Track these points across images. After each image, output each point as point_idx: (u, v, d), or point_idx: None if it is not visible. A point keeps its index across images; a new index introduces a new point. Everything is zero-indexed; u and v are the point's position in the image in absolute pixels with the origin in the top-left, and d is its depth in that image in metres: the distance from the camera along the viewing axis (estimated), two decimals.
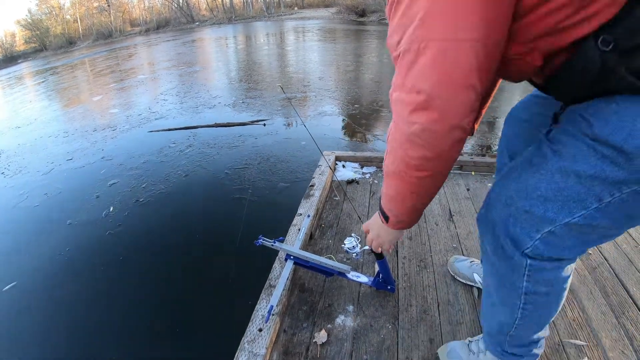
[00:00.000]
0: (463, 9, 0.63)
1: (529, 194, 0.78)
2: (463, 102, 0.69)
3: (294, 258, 1.52)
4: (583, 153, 0.71)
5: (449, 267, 1.61)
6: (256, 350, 1.21)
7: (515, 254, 0.83)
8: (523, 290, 0.88)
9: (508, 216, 0.81)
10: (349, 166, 2.55)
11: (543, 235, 0.78)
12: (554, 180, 0.75)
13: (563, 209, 0.75)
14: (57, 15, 39.74)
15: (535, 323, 0.98)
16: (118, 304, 2.44)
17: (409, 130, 0.74)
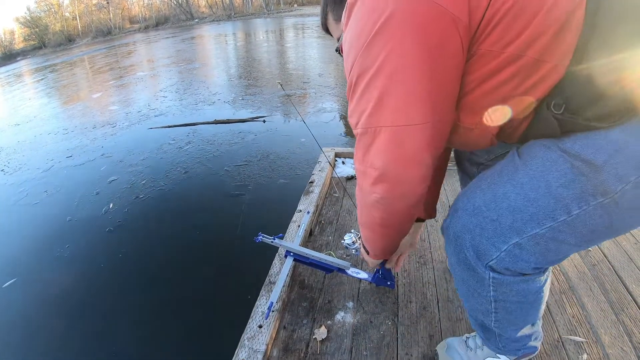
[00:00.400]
0: (410, 97, 0.70)
1: (498, 204, 0.78)
2: (414, 175, 0.78)
3: (294, 255, 1.52)
4: (554, 163, 0.72)
5: (448, 263, 1.61)
6: (256, 347, 1.21)
7: (479, 266, 0.83)
8: (491, 298, 0.88)
9: (475, 226, 0.81)
10: (348, 162, 2.55)
11: (509, 247, 0.78)
12: (524, 190, 0.75)
13: (532, 219, 0.75)
14: (56, 13, 39.64)
15: (513, 324, 0.97)
16: (117, 300, 2.44)
17: (370, 197, 0.85)
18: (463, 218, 0.83)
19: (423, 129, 0.71)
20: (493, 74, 0.71)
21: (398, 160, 0.76)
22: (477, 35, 0.69)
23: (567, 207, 0.72)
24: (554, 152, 0.73)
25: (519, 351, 1.10)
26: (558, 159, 0.72)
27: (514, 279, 0.83)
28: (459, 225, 0.84)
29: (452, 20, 0.66)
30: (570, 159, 0.70)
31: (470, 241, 0.82)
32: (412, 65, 0.68)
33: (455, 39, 0.67)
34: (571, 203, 0.71)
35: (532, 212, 0.74)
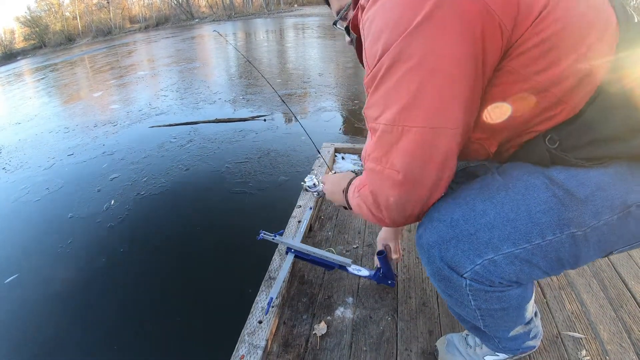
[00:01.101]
0: (449, 98, 0.67)
1: (476, 219, 0.77)
2: (439, 180, 0.74)
3: (295, 251, 1.53)
4: (536, 188, 0.73)
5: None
6: (256, 342, 1.22)
7: (453, 276, 0.82)
8: (474, 307, 0.87)
9: (451, 237, 0.79)
10: (348, 158, 2.55)
11: (484, 262, 0.77)
12: (504, 210, 0.75)
13: (508, 238, 0.75)
14: (57, 12, 39.66)
15: (503, 327, 0.97)
16: (118, 295, 2.45)
17: (381, 198, 0.78)
18: (439, 228, 0.81)
19: (454, 134, 0.69)
20: (513, 95, 0.71)
21: (426, 165, 0.71)
22: (512, 50, 0.68)
23: (542, 232, 0.73)
24: (537, 179, 0.74)
25: (517, 350, 1.11)
26: (541, 186, 0.73)
27: (491, 288, 0.82)
28: (435, 236, 0.82)
29: (499, 25, 0.64)
30: (552, 187, 0.71)
31: (445, 252, 0.81)
32: (457, 65, 0.65)
33: (497, 45, 0.66)
34: (546, 229, 0.72)
35: (509, 231, 0.74)
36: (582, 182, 0.69)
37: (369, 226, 1.89)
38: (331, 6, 1.02)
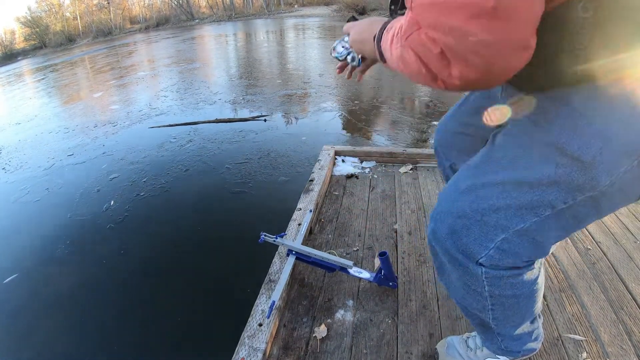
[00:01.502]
0: None
1: (481, 204, 0.77)
2: (534, 16, 0.52)
3: (296, 253, 1.53)
4: (537, 163, 0.71)
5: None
6: (256, 345, 1.22)
7: (469, 264, 0.83)
8: (487, 294, 0.87)
9: (461, 228, 0.80)
10: (348, 161, 2.55)
11: (497, 244, 0.78)
12: (506, 189, 0.75)
13: (515, 215, 0.74)
14: (57, 13, 39.65)
15: (511, 321, 0.97)
16: (118, 297, 2.45)
17: (457, 44, 0.52)
18: (449, 221, 0.82)
19: None
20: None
21: None
22: None
23: (551, 203, 0.71)
24: (537, 149, 0.71)
25: (519, 353, 1.10)
26: (541, 158, 0.70)
27: (506, 272, 0.82)
28: (446, 229, 0.83)
29: None
30: (555, 156, 0.68)
31: (458, 242, 0.81)
32: None
33: None
34: (556, 200, 0.71)
35: (515, 209, 0.74)
36: (585, 143, 0.65)
37: (369, 229, 1.89)
38: None
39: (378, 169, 2.49)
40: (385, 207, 2.08)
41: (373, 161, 2.56)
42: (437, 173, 2.42)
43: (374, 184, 2.31)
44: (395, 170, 2.47)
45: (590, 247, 1.73)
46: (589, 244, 1.75)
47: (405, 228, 1.88)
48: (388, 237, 1.82)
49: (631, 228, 1.86)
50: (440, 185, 2.28)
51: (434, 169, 2.46)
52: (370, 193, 2.22)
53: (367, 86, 7.36)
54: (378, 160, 2.57)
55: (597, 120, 0.64)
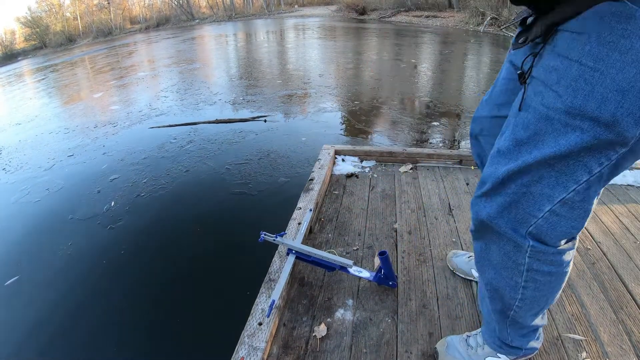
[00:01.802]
0: None
1: (523, 177, 0.79)
2: None
3: (296, 252, 1.53)
4: (562, 133, 0.71)
5: (448, 262, 1.62)
6: (256, 344, 1.22)
7: (518, 237, 0.85)
8: (525, 267, 0.88)
9: (509, 203, 0.83)
10: (348, 160, 2.55)
11: (545, 214, 0.80)
12: (542, 165, 0.76)
13: (557, 184, 0.76)
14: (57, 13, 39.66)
15: (535, 305, 0.97)
16: (119, 297, 2.45)
17: None
18: (496, 198, 0.85)
19: None
20: None
21: None
22: None
23: (587, 168, 0.72)
24: (557, 120, 0.71)
25: (520, 351, 1.11)
26: (564, 128, 0.70)
27: (550, 249, 0.84)
28: (495, 206, 0.86)
29: None
30: (576, 122, 0.68)
31: (507, 217, 0.84)
32: None
33: None
34: (591, 164, 0.71)
35: (555, 178, 0.75)
36: (603, 98, 0.63)
37: (369, 228, 1.89)
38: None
39: (378, 169, 2.49)
40: (385, 206, 2.08)
41: (373, 160, 2.56)
42: (436, 172, 2.42)
43: (374, 183, 2.31)
44: (395, 169, 2.47)
45: (590, 247, 1.73)
46: (588, 244, 1.75)
47: (405, 227, 1.88)
48: (388, 237, 1.82)
49: (631, 228, 1.87)
50: (440, 184, 2.28)
51: (433, 169, 2.47)
52: (370, 192, 2.22)
53: (367, 86, 7.37)
54: (378, 159, 2.57)
55: (610, 72, 0.62)
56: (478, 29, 16.21)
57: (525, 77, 0.77)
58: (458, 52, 11.48)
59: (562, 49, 0.68)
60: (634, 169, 2.35)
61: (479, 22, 16.72)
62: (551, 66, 0.71)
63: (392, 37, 15.53)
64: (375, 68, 9.20)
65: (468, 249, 1.72)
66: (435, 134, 4.92)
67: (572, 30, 0.67)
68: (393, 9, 24.51)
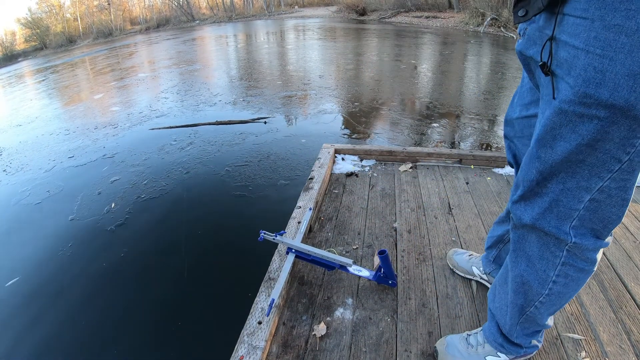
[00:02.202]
0: None
1: (556, 174, 0.79)
2: None
3: (296, 251, 1.53)
4: (580, 124, 0.70)
5: (448, 260, 1.62)
6: (255, 343, 1.22)
7: (561, 233, 0.85)
8: (561, 260, 0.89)
9: (549, 203, 0.83)
10: (348, 159, 2.56)
11: (585, 204, 0.79)
12: (572, 160, 0.75)
13: (592, 175, 0.75)
14: (57, 14, 39.69)
15: (557, 302, 0.98)
16: (118, 297, 2.45)
17: None
18: (535, 200, 0.86)
19: None
20: None
21: None
22: None
23: (615, 157, 0.71)
24: (572, 112, 0.70)
25: (521, 350, 1.11)
26: (581, 119, 0.69)
27: (590, 244, 0.84)
28: (537, 209, 0.86)
29: None
30: (592, 112, 0.67)
31: (549, 216, 0.84)
32: None
33: None
34: (617, 152, 0.70)
35: (589, 169, 0.75)
36: (615, 84, 0.62)
37: (369, 227, 1.89)
38: None
39: (378, 167, 2.49)
40: (384, 205, 2.08)
41: (373, 159, 2.57)
42: (436, 171, 2.42)
43: (373, 182, 2.32)
44: (395, 168, 2.47)
45: None
46: None
47: (405, 226, 1.89)
48: (388, 236, 1.83)
49: (631, 228, 1.87)
50: (440, 183, 2.29)
51: (433, 168, 2.47)
52: (370, 191, 2.22)
53: (367, 87, 7.37)
54: (378, 158, 2.57)
55: (619, 57, 0.61)
56: (478, 30, 16.24)
57: (549, 67, 0.73)
58: (458, 52, 11.49)
59: (569, 37, 0.67)
60: None
61: (479, 23, 16.74)
62: (561, 57, 0.70)
63: (392, 38, 15.54)
64: (375, 69, 9.21)
65: (467, 247, 1.72)
66: (435, 135, 4.93)
67: (576, 15, 0.65)
68: (393, 10, 24.53)
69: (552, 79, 0.72)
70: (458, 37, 15.10)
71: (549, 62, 0.72)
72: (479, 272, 1.49)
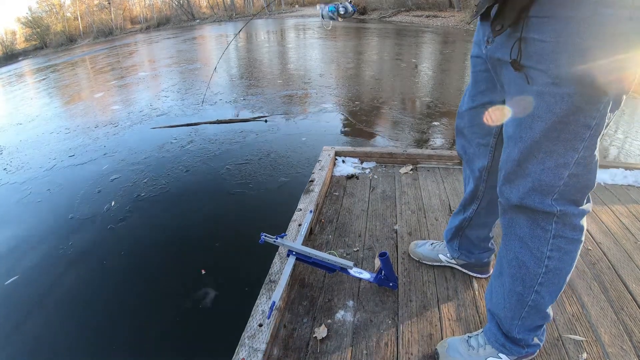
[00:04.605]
0: None
1: (535, 154, 0.88)
2: None
3: (297, 254, 1.53)
4: (552, 104, 0.81)
5: (412, 254, 1.67)
6: (256, 346, 1.22)
7: (545, 207, 0.92)
8: (552, 233, 0.95)
9: (532, 182, 0.91)
10: (348, 161, 2.55)
11: (565, 180, 0.88)
12: (548, 138, 0.85)
13: (567, 149, 0.85)
14: (58, 13, 39.69)
15: (556, 280, 1.01)
16: (119, 297, 2.45)
17: None
18: (519, 182, 0.94)
19: None
20: None
21: None
22: None
23: (585, 125, 0.81)
24: (548, 93, 0.80)
25: (523, 350, 1.11)
26: (552, 98, 0.80)
27: (574, 209, 0.93)
28: (521, 189, 0.94)
29: None
30: (559, 90, 0.79)
31: (533, 194, 0.92)
32: None
33: None
34: (586, 119, 0.81)
35: (564, 145, 0.85)
36: (572, 62, 0.75)
37: (370, 229, 1.89)
38: None
39: (378, 170, 2.49)
40: (385, 207, 2.08)
41: (373, 162, 2.56)
42: (437, 173, 2.42)
43: (374, 185, 2.31)
44: (396, 170, 2.47)
45: (590, 247, 1.73)
46: (589, 245, 1.75)
47: (406, 229, 1.88)
48: (388, 238, 1.82)
49: (631, 228, 1.87)
50: (441, 185, 2.28)
51: (434, 170, 2.47)
52: (370, 193, 2.22)
53: (368, 86, 7.37)
54: (378, 160, 2.57)
55: (574, 40, 0.74)
56: None
57: (519, 63, 0.84)
58: (459, 51, 11.47)
59: (536, 34, 0.79)
60: (634, 169, 2.34)
61: None
62: (531, 51, 0.81)
63: (393, 37, 15.53)
64: (375, 68, 9.21)
65: None
66: (436, 134, 4.92)
67: (537, 15, 0.78)
68: (394, 9, 24.52)
69: (524, 72, 0.84)
70: (458, 36, 15.08)
71: (519, 58, 0.83)
72: (446, 258, 1.57)
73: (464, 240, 1.47)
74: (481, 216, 1.37)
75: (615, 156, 4.14)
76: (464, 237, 1.46)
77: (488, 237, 1.45)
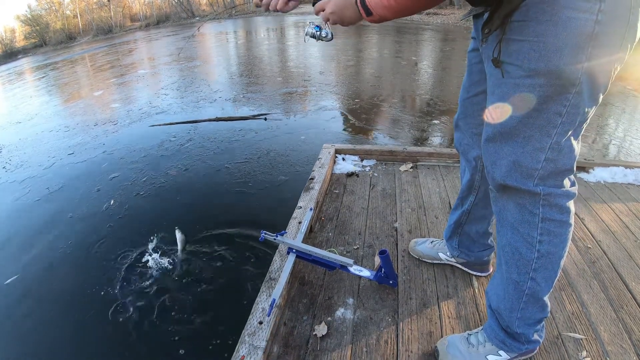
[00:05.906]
0: None
1: (514, 139, 0.96)
2: None
3: (297, 251, 1.53)
4: (527, 92, 0.89)
5: (412, 252, 1.67)
6: (257, 343, 1.22)
7: (529, 187, 0.97)
8: (540, 216, 1.00)
9: (512, 164, 0.97)
10: (348, 159, 2.55)
11: (542, 164, 0.95)
12: (524, 124, 0.93)
13: (542, 135, 0.92)
14: (57, 11, 39.54)
15: (550, 265, 1.03)
16: (118, 296, 2.45)
17: None
18: (502, 162, 0.99)
19: None
20: None
21: None
22: None
23: (557, 112, 0.89)
24: (522, 85, 0.89)
25: (522, 346, 1.12)
26: (527, 89, 0.88)
27: (557, 190, 0.98)
28: (503, 171, 1.00)
29: None
30: (533, 81, 0.87)
31: (514, 174, 0.98)
32: None
33: None
34: (557, 107, 0.88)
35: (539, 130, 0.92)
36: (545, 56, 0.83)
37: (370, 227, 1.89)
38: None
39: (378, 167, 2.49)
40: (385, 205, 2.08)
41: (373, 159, 2.56)
42: (437, 171, 2.42)
43: (374, 182, 2.31)
44: (396, 168, 2.47)
45: (590, 245, 1.74)
46: (589, 243, 1.76)
47: (406, 226, 1.88)
48: (388, 236, 1.83)
49: (631, 227, 1.87)
50: (441, 183, 2.28)
51: (434, 167, 2.46)
52: (370, 191, 2.22)
53: (368, 84, 7.36)
54: (378, 158, 2.57)
55: (549, 40, 0.82)
56: None
57: (498, 60, 0.93)
58: (459, 49, 11.45)
59: (516, 35, 0.87)
60: (634, 168, 2.35)
61: None
62: (511, 49, 0.89)
63: (393, 35, 15.50)
64: (375, 65, 9.19)
65: None
66: (436, 132, 4.92)
67: (518, 19, 0.85)
68: None
69: (501, 68, 0.92)
70: (459, 33, 15.05)
71: (499, 56, 0.92)
72: (446, 256, 1.58)
73: (463, 238, 1.48)
74: (479, 208, 1.39)
75: (615, 154, 4.14)
76: (463, 234, 1.47)
77: (487, 232, 1.45)
